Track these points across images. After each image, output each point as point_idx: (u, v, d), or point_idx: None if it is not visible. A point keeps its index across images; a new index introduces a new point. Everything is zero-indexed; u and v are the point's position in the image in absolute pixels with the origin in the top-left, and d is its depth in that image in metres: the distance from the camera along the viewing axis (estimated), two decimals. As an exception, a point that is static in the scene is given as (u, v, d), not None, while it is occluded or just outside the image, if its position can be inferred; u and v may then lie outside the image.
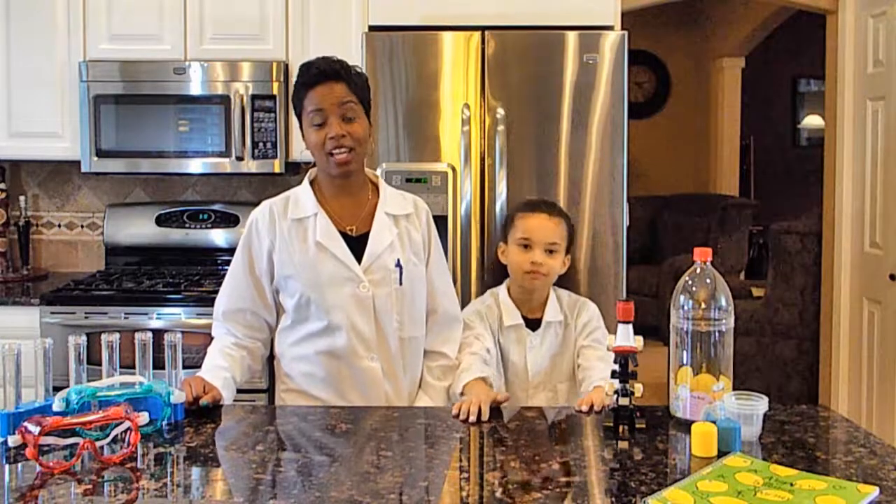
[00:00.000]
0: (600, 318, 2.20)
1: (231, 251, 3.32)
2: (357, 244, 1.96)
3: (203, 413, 1.71)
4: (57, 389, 1.59)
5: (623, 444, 1.54)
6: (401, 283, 1.96)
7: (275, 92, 3.18)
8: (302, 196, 1.99)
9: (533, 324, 2.16)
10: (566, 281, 2.30)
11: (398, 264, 1.96)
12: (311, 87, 1.89)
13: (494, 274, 2.85)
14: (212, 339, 2.03)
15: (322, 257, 1.93)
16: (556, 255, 2.14)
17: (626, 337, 1.64)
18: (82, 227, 3.64)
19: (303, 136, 1.96)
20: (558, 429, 1.66)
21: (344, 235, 1.95)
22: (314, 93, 1.89)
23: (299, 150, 2.03)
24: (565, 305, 2.20)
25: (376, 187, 2.04)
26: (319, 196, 1.99)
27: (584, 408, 1.74)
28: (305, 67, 1.92)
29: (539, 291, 2.17)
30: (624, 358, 1.64)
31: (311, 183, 2.02)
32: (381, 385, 1.96)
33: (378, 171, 2.83)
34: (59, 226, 3.65)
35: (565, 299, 2.21)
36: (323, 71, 1.90)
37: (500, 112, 2.83)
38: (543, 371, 2.14)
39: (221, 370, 1.90)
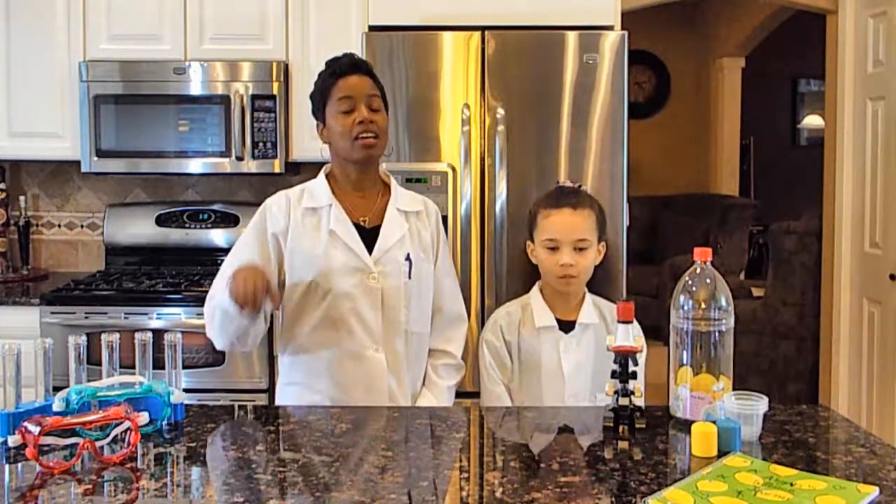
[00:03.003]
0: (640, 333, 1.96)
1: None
2: (369, 236, 1.97)
3: (204, 413, 1.71)
4: (57, 389, 1.59)
5: (623, 444, 1.54)
6: (410, 277, 1.98)
7: (275, 92, 3.18)
8: (317, 188, 2.02)
9: (567, 327, 1.99)
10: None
11: (408, 258, 1.98)
12: (342, 77, 1.95)
13: (496, 273, 2.86)
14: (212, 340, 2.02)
15: (334, 246, 1.95)
16: (587, 251, 1.96)
17: (626, 337, 1.64)
18: (82, 227, 3.64)
19: (321, 129, 1.99)
20: (558, 429, 1.66)
21: (357, 227, 1.98)
22: (345, 81, 1.95)
23: (318, 147, 2.04)
24: (605, 311, 2.02)
25: (387, 186, 2.07)
26: (335, 188, 2.01)
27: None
28: (334, 60, 1.99)
29: (575, 292, 2.01)
30: (624, 358, 1.64)
31: (327, 177, 2.04)
32: (385, 378, 1.96)
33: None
34: (59, 226, 3.65)
35: (604, 305, 2.04)
36: (355, 63, 1.98)
37: (500, 112, 2.83)
38: (583, 375, 1.95)
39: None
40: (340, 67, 1.96)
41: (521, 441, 1.60)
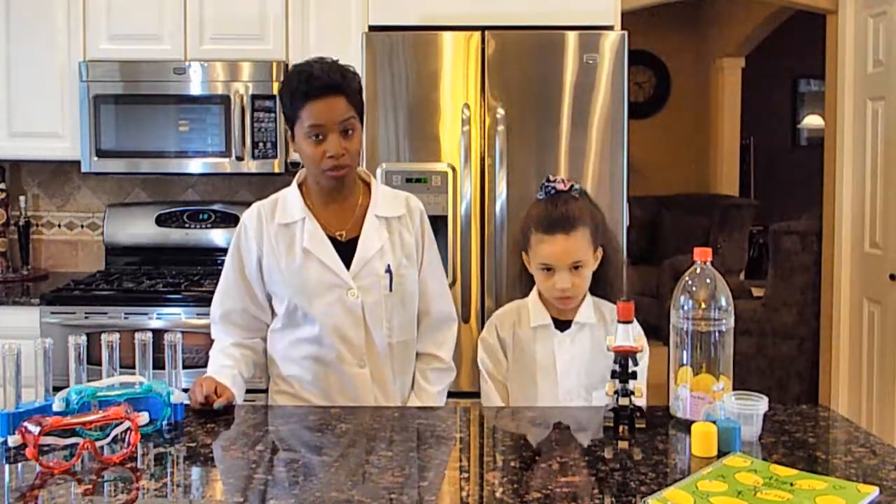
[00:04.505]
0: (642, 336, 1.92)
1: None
2: (346, 249, 1.92)
3: (204, 413, 1.71)
4: (57, 389, 1.59)
5: (623, 444, 1.54)
6: (391, 290, 1.93)
7: (275, 92, 3.18)
8: (290, 199, 1.95)
9: (564, 326, 1.96)
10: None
11: (388, 269, 1.92)
12: (312, 100, 1.82)
13: (496, 274, 2.86)
14: (212, 339, 2.03)
15: (309, 264, 1.90)
16: (583, 269, 1.90)
17: (626, 337, 1.64)
18: (82, 227, 3.64)
19: (290, 137, 1.91)
20: (558, 429, 1.66)
21: (333, 241, 1.92)
22: (314, 107, 1.82)
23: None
24: (605, 312, 1.97)
25: (368, 187, 2.00)
26: (308, 200, 1.95)
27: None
28: (305, 76, 1.84)
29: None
30: (624, 358, 1.64)
31: (300, 185, 1.98)
32: (371, 390, 1.94)
33: (378, 171, 2.83)
34: (59, 226, 3.65)
35: (604, 306, 1.98)
36: (326, 85, 1.82)
37: (500, 112, 2.83)
38: (575, 373, 1.92)
39: (228, 368, 1.90)
40: (311, 89, 1.81)
41: (520, 441, 1.60)
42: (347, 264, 1.91)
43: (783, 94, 8.16)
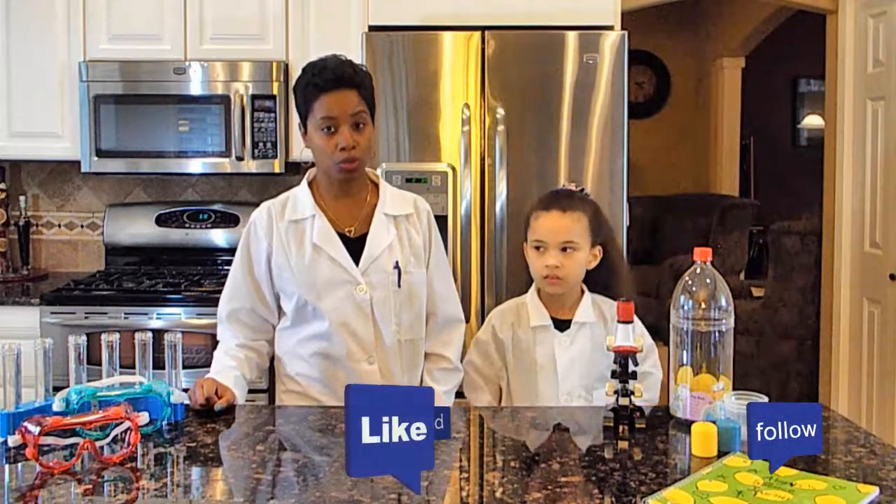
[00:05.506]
0: (648, 337, 1.96)
1: (231, 251, 3.33)
2: (356, 245, 1.94)
3: (204, 413, 1.71)
4: (57, 389, 1.59)
5: (623, 444, 1.54)
6: (399, 286, 1.94)
7: (275, 92, 3.18)
8: (300, 197, 1.97)
9: (564, 325, 1.97)
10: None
11: (396, 266, 1.94)
12: (325, 92, 1.85)
13: (496, 273, 2.86)
14: (213, 338, 2.03)
15: (319, 259, 1.91)
16: (574, 253, 1.92)
17: (626, 337, 1.64)
18: (82, 227, 3.64)
19: (302, 133, 1.94)
20: (558, 429, 1.66)
21: (342, 237, 1.94)
22: (327, 98, 1.85)
23: (299, 150, 2.00)
24: (605, 310, 1.99)
25: (376, 187, 2.02)
26: (318, 197, 1.97)
27: None
28: (318, 69, 1.87)
29: (567, 294, 1.99)
30: (624, 358, 1.64)
31: (310, 184, 2.00)
32: None
33: (378, 172, 2.82)
34: (59, 226, 3.65)
35: (604, 304, 2.00)
36: (338, 77, 1.85)
37: (500, 112, 2.83)
38: (576, 373, 1.94)
39: (231, 369, 1.90)
40: (324, 81, 1.85)
41: (520, 441, 1.60)
42: (356, 260, 1.92)
43: (783, 94, 8.16)
